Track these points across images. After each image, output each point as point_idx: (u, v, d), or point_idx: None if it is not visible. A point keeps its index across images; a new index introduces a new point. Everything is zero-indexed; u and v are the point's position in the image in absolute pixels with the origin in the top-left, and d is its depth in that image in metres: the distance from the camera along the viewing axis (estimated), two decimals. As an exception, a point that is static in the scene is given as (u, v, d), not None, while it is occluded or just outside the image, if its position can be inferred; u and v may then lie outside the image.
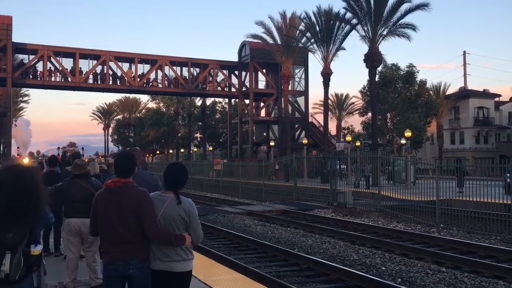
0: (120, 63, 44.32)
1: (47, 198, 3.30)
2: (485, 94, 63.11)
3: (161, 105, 75.73)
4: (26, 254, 3.11)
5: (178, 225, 3.81)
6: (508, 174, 16.85)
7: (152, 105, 79.44)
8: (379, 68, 39.48)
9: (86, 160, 12.43)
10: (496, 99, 64.15)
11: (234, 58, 50.18)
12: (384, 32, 32.78)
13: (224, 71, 49.05)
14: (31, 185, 3.17)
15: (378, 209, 18.69)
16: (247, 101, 49.29)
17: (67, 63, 43.00)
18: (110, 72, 44.26)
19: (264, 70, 48.63)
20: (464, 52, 64.54)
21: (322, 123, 45.68)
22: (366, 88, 46.65)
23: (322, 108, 44.55)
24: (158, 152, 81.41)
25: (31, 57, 41.66)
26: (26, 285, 3.15)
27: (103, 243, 3.97)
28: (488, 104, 62.29)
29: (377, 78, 39.74)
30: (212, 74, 48.34)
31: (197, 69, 48.20)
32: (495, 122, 62.63)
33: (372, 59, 32.39)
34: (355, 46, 79.62)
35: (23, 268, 3.08)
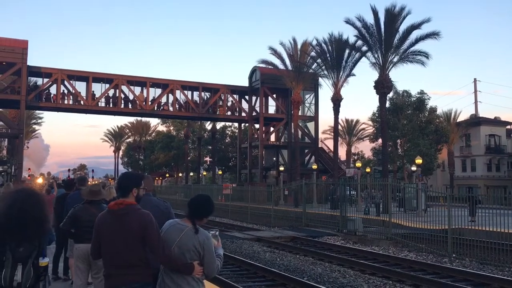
0: (132, 87, 44.92)
1: (50, 217, 3.77)
2: (497, 122, 62.82)
3: (171, 128, 76.26)
4: (35, 265, 3.56)
5: (192, 255, 3.76)
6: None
7: (162, 128, 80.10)
8: (390, 95, 39.55)
9: (98, 182, 12.42)
10: (508, 126, 63.75)
11: (245, 83, 50.67)
12: (395, 59, 33.00)
13: (235, 96, 49.45)
14: (38, 205, 3.60)
15: (388, 237, 18.42)
16: (257, 126, 49.50)
17: (81, 87, 43.72)
18: (122, 96, 44.86)
19: (274, 95, 48.94)
20: (475, 80, 64.78)
21: (332, 148, 45.71)
22: (377, 114, 46.67)
23: (332, 133, 44.62)
24: (167, 175, 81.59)
25: (45, 80, 42.42)
26: None
27: (106, 267, 3.91)
28: (500, 131, 61.90)
29: (387, 105, 39.82)
30: (223, 98, 48.73)
31: (208, 94, 48.67)
32: (507, 150, 62.08)
33: (382, 86, 32.49)
34: (365, 71, 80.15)
35: (33, 278, 3.53)
